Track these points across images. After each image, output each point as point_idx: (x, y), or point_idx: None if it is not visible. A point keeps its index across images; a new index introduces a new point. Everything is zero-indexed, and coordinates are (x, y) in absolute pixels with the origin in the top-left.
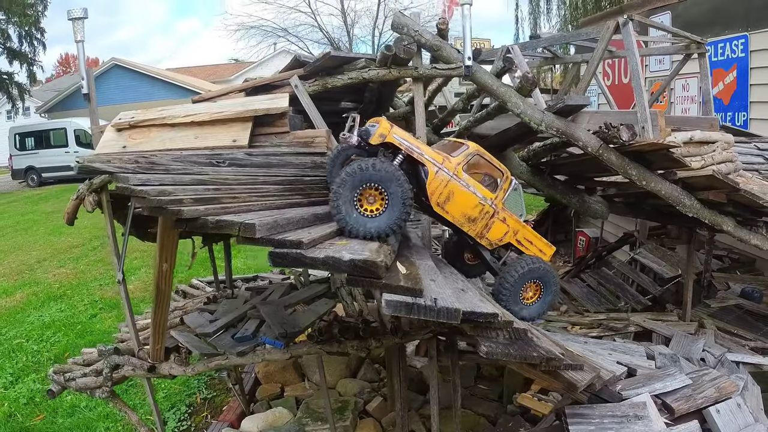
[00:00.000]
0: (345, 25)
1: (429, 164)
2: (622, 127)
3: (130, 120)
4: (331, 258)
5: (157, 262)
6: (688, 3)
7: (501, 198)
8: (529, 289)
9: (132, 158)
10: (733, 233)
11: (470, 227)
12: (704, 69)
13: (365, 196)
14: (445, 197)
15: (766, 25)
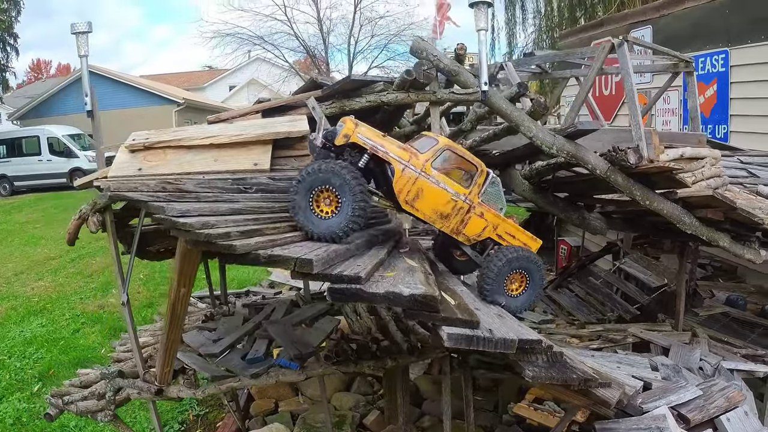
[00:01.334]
0: (321, 33)
1: (395, 162)
2: (629, 151)
3: (145, 141)
4: (391, 293)
5: (174, 285)
6: (669, 18)
7: (476, 193)
8: (513, 279)
9: (157, 184)
10: (729, 248)
11: (443, 224)
12: (692, 86)
13: (321, 198)
14: (414, 195)
15: (746, 41)
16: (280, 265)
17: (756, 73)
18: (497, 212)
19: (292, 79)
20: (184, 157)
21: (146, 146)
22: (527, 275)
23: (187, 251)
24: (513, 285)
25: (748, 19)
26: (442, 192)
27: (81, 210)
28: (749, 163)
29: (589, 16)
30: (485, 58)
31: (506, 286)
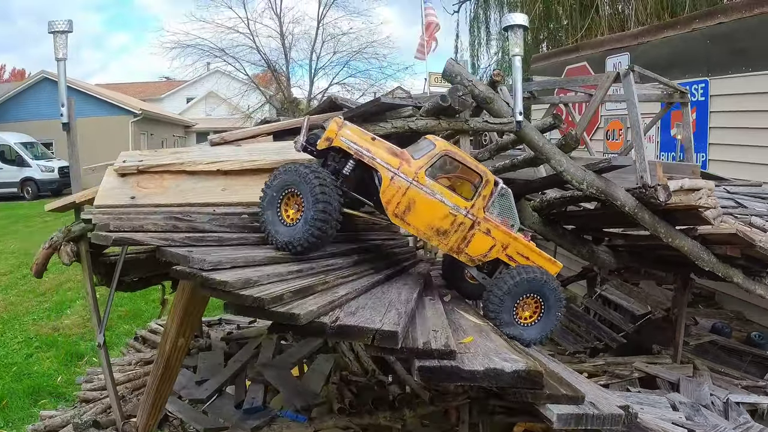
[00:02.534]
0: (283, 47)
1: (382, 169)
2: (659, 188)
3: (139, 164)
4: (491, 371)
5: (172, 335)
6: (647, 46)
7: (480, 206)
8: (526, 305)
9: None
10: (742, 284)
11: (440, 241)
12: (686, 117)
13: (290, 203)
14: (405, 207)
15: (726, 72)
16: (353, 338)
17: (735, 104)
18: (508, 229)
19: (252, 93)
20: (185, 184)
21: (140, 170)
22: (542, 301)
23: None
24: (525, 312)
25: (729, 50)
26: (438, 204)
27: (52, 238)
28: (736, 192)
29: (553, 40)
30: (520, 86)
31: (516, 313)
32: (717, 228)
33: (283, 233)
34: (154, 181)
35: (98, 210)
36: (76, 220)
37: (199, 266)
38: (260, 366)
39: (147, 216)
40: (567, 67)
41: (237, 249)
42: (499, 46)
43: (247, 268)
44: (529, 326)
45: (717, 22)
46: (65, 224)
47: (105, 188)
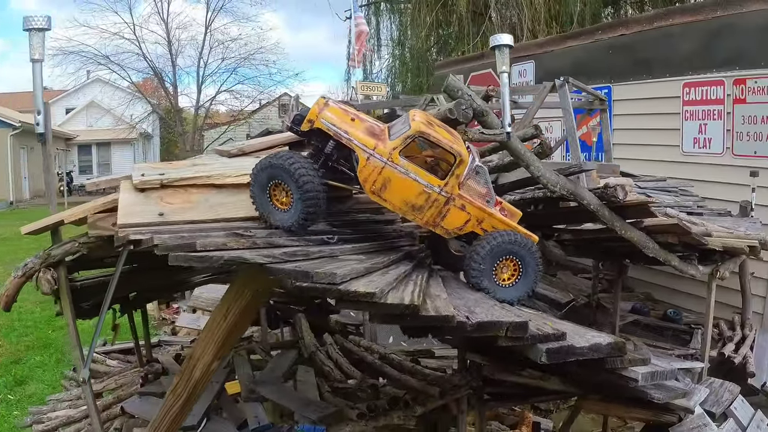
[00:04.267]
0: (170, 54)
1: (358, 150)
2: (617, 187)
3: (162, 178)
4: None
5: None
6: (552, 55)
7: (454, 184)
8: (504, 267)
9: (227, 236)
10: (678, 267)
11: (416, 216)
12: (606, 122)
13: (277, 191)
14: (381, 185)
15: (627, 79)
16: (488, 332)
17: (636, 107)
18: (483, 204)
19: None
20: (214, 198)
21: (164, 184)
22: (520, 262)
23: (244, 314)
24: (504, 274)
25: (630, 59)
26: (412, 183)
27: (25, 265)
28: (645, 188)
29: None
30: (508, 99)
31: (496, 274)
32: (660, 220)
33: (282, 218)
34: (179, 196)
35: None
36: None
37: (329, 281)
38: (252, 383)
39: (208, 234)
40: (472, 74)
41: (328, 261)
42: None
43: (362, 278)
44: (508, 287)
45: (619, 34)
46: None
47: (126, 205)
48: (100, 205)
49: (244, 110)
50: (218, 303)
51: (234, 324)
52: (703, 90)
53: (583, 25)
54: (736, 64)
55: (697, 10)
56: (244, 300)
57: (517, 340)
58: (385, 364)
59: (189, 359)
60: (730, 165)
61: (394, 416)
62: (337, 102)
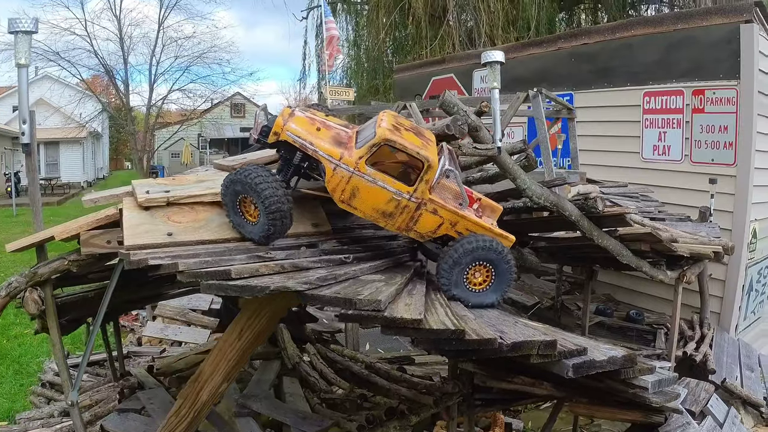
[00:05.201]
0: (122, 51)
1: (324, 161)
2: (597, 199)
3: (167, 195)
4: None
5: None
6: (515, 62)
7: (424, 189)
8: (477, 272)
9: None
10: (649, 273)
11: (387, 222)
12: (573, 131)
13: (246, 204)
14: (349, 194)
15: (589, 87)
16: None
17: (596, 115)
18: (455, 207)
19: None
20: (223, 217)
21: (170, 201)
22: (493, 269)
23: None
24: (476, 278)
25: (592, 68)
26: (380, 191)
27: (9, 284)
28: (608, 193)
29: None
30: (498, 115)
31: (468, 279)
32: (634, 228)
33: (253, 231)
34: (185, 214)
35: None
36: (39, 259)
37: (373, 308)
38: (242, 398)
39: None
40: (433, 78)
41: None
42: (345, 53)
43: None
44: (480, 292)
45: (581, 43)
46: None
47: (131, 224)
48: (93, 222)
49: (196, 110)
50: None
51: (248, 346)
52: (663, 99)
53: (539, 31)
54: (695, 75)
55: (658, 23)
56: (259, 322)
57: (546, 357)
58: (372, 374)
59: (195, 381)
60: (688, 172)
61: (390, 427)
62: (304, 110)
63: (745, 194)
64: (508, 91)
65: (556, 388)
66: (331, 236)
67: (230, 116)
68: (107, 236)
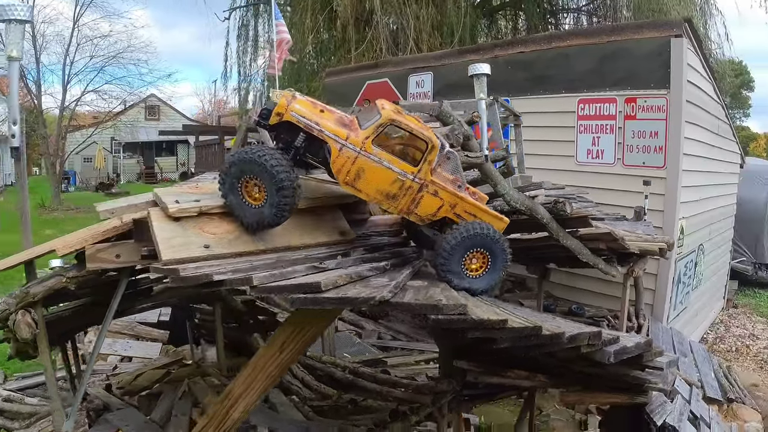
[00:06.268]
0: (34, 50)
1: (331, 141)
2: (566, 202)
3: (199, 205)
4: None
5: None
6: (450, 67)
7: (427, 170)
8: (473, 258)
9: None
10: (604, 269)
11: (390, 204)
12: (519, 136)
13: (250, 186)
14: (354, 175)
15: (525, 93)
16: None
17: (533, 120)
18: (455, 189)
19: None
20: None
21: (203, 212)
22: (489, 255)
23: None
24: (472, 264)
25: (528, 75)
26: (385, 171)
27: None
28: (549, 195)
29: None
30: (486, 125)
31: (465, 265)
32: (595, 229)
33: (251, 214)
34: (218, 225)
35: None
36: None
37: (459, 311)
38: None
39: (292, 266)
40: (367, 83)
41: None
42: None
43: (477, 309)
44: (477, 278)
45: (518, 51)
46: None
47: (164, 237)
48: (100, 234)
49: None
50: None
51: (290, 360)
52: (597, 106)
53: (462, 36)
54: (627, 84)
55: (592, 34)
56: (305, 335)
57: (593, 346)
58: (357, 378)
59: (224, 399)
60: (620, 174)
61: (394, 428)
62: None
63: (674, 194)
64: (443, 97)
65: (549, 378)
66: (355, 244)
67: (145, 119)
68: (116, 250)
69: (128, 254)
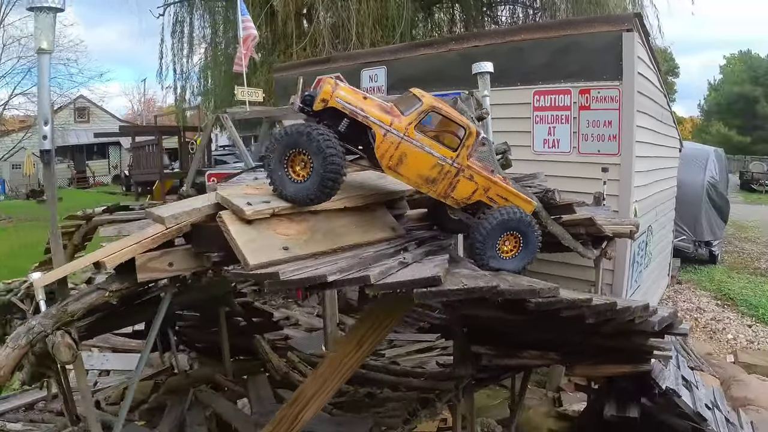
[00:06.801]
0: None
1: (375, 127)
2: (555, 191)
3: (270, 206)
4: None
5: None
6: (404, 62)
7: (464, 155)
8: (506, 241)
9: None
10: (582, 252)
11: (430, 188)
12: (486, 127)
13: (296, 161)
14: (397, 160)
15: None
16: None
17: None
18: (488, 174)
19: None
20: (322, 225)
21: (275, 213)
22: (521, 237)
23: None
24: (505, 246)
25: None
26: (427, 156)
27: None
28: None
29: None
30: (490, 121)
31: (499, 247)
32: (576, 215)
33: (296, 190)
34: (287, 227)
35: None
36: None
37: (552, 294)
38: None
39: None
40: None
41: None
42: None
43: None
44: (509, 259)
45: (473, 45)
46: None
47: (244, 241)
48: (149, 242)
49: None
50: (348, 336)
51: (366, 355)
52: (552, 98)
53: (403, 30)
54: (581, 76)
55: (546, 28)
56: (382, 330)
57: (642, 317)
58: (370, 372)
59: (293, 403)
60: (576, 162)
61: (422, 414)
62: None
63: (629, 179)
64: (397, 92)
65: (560, 356)
66: (406, 239)
67: (74, 121)
68: (168, 258)
69: (180, 262)
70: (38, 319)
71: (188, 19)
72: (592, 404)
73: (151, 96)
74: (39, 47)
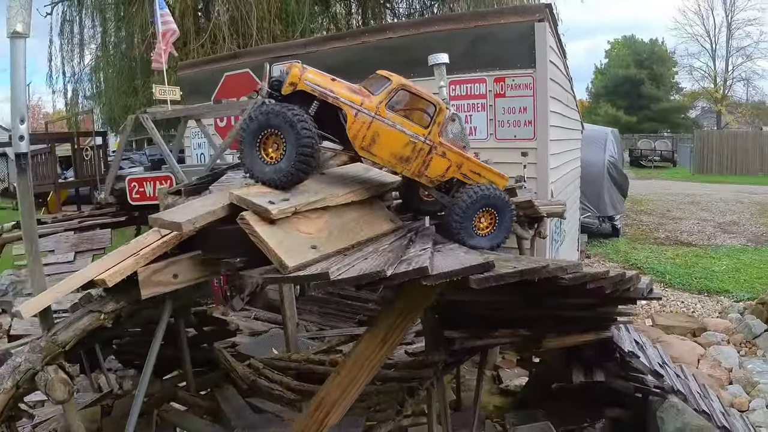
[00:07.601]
0: None
1: (346, 108)
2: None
3: (291, 204)
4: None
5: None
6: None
7: (436, 132)
8: (482, 218)
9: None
10: (519, 233)
11: (404, 167)
12: None
13: (268, 142)
14: (370, 140)
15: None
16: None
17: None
18: (460, 150)
19: None
20: (336, 221)
21: (297, 211)
22: (496, 213)
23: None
24: (481, 223)
25: (398, 59)
26: (399, 134)
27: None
28: None
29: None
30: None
31: (475, 224)
32: (518, 198)
33: (266, 172)
34: (307, 225)
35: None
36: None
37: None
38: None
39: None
40: (226, 74)
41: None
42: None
43: None
44: (485, 236)
45: (386, 37)
46: None
47: (276, 243)
48: (150, 253)
49: None
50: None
51: (389, 352)
52: (468, 87)
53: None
54: (496, 65)
55: (458, 20)
56: (406, 324)
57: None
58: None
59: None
60: (494, 148)
61: (409, 403)
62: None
63: (545, 162)
64: None
65: (530, 330)
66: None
67: None
68: (173, 269)
69: (186, 272)
70: (24, 355)
71: (77, 17)
72: (534, 377)
73: (36, 102)
74: (13, 30)
